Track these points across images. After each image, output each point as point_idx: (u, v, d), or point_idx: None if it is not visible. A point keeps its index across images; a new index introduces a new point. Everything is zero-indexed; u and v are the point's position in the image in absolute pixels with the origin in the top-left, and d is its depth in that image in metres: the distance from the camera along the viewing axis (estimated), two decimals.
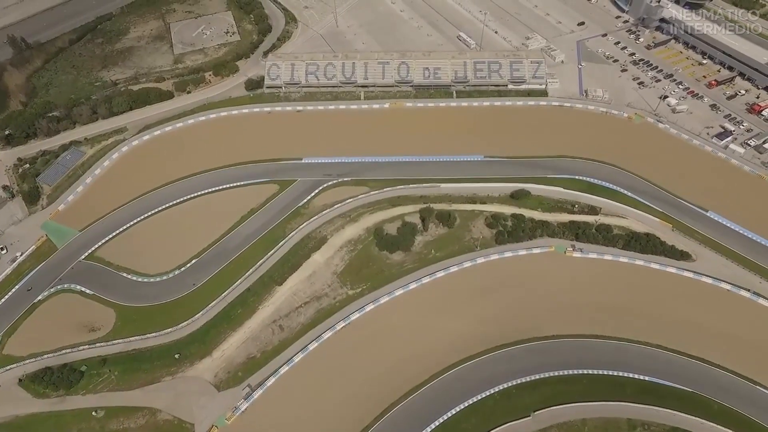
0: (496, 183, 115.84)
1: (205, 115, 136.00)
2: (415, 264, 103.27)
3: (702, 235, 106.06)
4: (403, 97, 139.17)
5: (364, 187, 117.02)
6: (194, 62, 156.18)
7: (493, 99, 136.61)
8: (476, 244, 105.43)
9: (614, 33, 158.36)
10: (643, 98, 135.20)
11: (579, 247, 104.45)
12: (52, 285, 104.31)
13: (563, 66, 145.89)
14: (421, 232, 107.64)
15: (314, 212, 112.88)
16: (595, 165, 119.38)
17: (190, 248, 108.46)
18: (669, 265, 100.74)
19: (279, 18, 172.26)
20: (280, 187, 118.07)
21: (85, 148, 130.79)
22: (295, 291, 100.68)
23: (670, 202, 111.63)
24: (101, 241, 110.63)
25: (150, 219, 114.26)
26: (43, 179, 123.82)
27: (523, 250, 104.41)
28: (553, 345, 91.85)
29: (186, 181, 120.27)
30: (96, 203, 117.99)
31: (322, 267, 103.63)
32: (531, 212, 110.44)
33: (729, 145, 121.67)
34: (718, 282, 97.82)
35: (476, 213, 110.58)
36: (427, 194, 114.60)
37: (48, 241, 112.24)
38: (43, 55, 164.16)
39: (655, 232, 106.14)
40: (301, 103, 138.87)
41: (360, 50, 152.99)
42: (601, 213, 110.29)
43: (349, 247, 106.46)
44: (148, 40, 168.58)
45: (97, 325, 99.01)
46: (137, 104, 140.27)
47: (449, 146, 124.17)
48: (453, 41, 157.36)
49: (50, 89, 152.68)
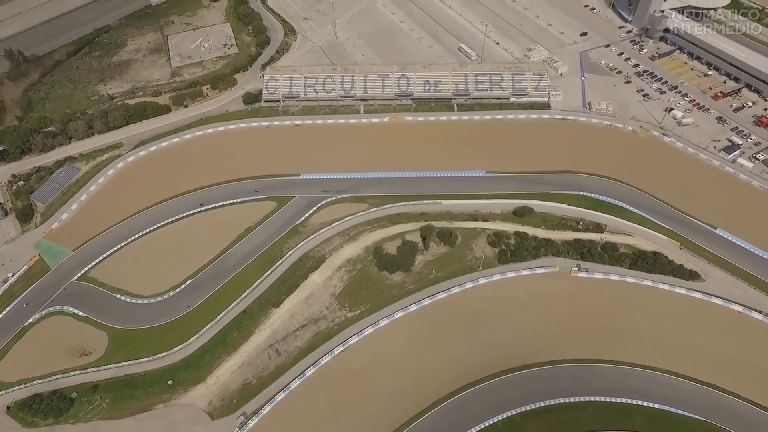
0: (498, 199, 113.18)
1: (202, 129, 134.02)
2: (416, 285, 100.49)
3: (711, 253, 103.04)
4: (403, 110, 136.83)
5: (363, 204, 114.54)
6: (192, 75, 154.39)
7: (495, 112, 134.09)
8: (478, 264, 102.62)
9: (617, 44, 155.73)
10: (647, 111, 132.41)
11: (584, 267, 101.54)
12: (44, 307, 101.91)
13: (566, 78, 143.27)
14: (421, 251, 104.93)
15: (312, 230, 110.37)
16: (599, 180, 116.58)
17: (186, 268, 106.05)
18: (678, 286, 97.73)
19: (278, 30, 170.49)
20: (277, 204, 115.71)
21: (80, 164, 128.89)
22: (292, 313, 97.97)
23: (677, 219, 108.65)
24: (95, 261, 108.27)
25: (145, 237, 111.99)
26: (37, 197, 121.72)
27: (526, 270, 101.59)
28: (559, 370, 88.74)
29: (182, 198, 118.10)
30: (90, 221, 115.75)
31: (320, 288, 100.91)
32: (534, 230, 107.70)
33: (737, 159, 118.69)
34: (729, 303, 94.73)
35: (478, 231, 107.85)
36: (428, 211, 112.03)
37: (41, 260, 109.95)
38: (40, 68, 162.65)
39: (663, 250, 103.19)
40: (299, 117, 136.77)
41: (359, 62, 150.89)
42: (606, 231, 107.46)
43: (348, 267, 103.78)
44: (146, 52, 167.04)
45: (89, 349, 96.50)
46: (134, 119, 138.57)
47: (450, 161, 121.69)
48: (454, 53, 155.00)
49: (46, 103, 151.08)
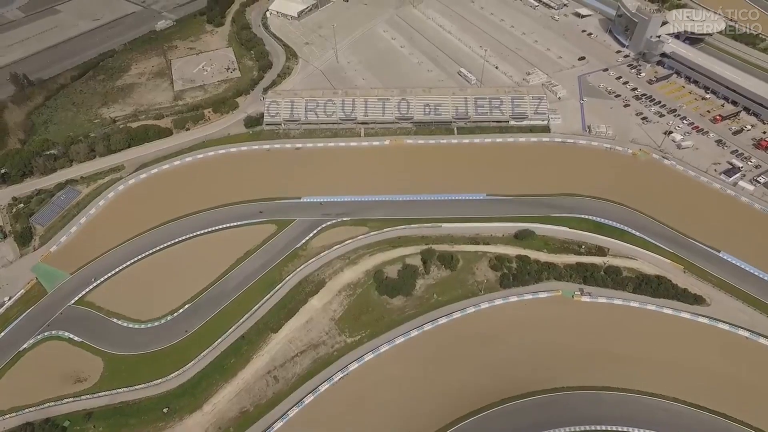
0: (499, 222, 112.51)
1: (203, 152, 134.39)
2: (417, 309, 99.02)
3: (715, 277, 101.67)
4: (404, 133, 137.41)
5: (363, 227, 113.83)
6: (194, 99, 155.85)
7: (495, 135, 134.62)
8: (480, 288, 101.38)
9: (615, 68, 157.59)
10: (647, 134, 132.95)
11: (587, 291, 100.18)
12: (39, 332, 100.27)
13: (565, 101, 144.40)
14: (422, 275, 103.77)
15: (312, 254, 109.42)
16: (600, 203, 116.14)
17: (184, 292, 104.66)
18: (682, 311, 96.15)
19: (280, 54, 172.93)
20: (277, 227, 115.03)
21: (81, 187, 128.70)
22: (291, 339, 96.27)
23: (680, 243, 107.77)
24: (92, 285, 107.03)
25: (144, 261, 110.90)
26: (36, 219, 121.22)
27: (528, 295, 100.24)
28: (563, 398, 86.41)
29: (182, 221, 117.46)
30: (89, 244, 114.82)
31: (319, 313, 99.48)
32: (536, 253, 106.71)
33: (738, 182, 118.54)
34: (736, 329, 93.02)
35: (479, 254, 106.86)
36: (429, 235, 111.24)
37: (38, 284, 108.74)
38: (44, 92, 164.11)
39: (667, 274, 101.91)
40: (300, 141, 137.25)
41: (360, 86, 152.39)
42: (609, 254, 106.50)
43: (348, 291, 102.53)
44: (149, 76, 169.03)
45: (83, 376, 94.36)
46: (135, 142, 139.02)
47: (451, 184, 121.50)
48: (453, 77, 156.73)
49: (49, 126, 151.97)
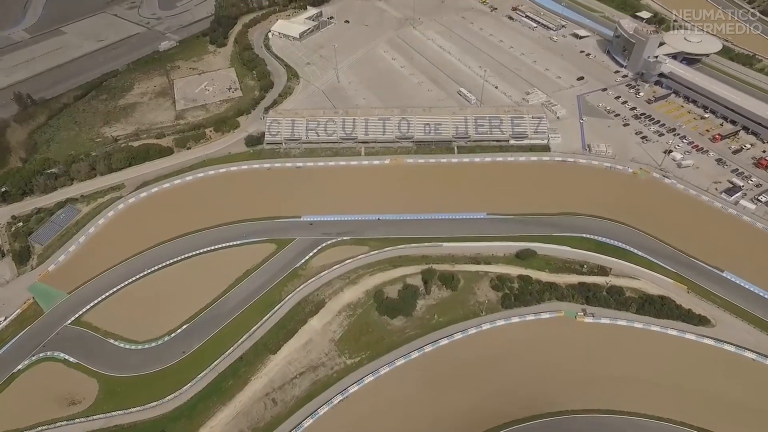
0: (500, 242, 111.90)
1: (204, 171, 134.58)
2: (417, 330, 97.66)
3: (720, 297, 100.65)
4: (404, 152, 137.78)
5: (364, 247, 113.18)
6: (195, 118, 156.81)
7: (495, 154, 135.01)
8: (482, 309, 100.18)
9: (614, 87, 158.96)
10: (647, 153, 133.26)
11: (590, 312, 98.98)
12: (34, 353, 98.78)
13: (564, 121, 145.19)
14: (423, 295, 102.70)
15: (312, 273, 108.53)
16: (602, 222, 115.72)
17: (183, 312, 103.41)
18: (687, 332, 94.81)
19: (281, 74, 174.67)
20: (277, 247, 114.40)
21: (80, 206, 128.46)
22: (289, 360, 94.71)
23: (682, 262, 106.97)
24: (89, 305, 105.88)
25: (142, 280, 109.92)
26: (35, 238, 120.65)
27: (531, 315, 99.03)
28: (566, 422, 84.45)
29: (181, 240, 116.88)
30: (88, 263, 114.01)
31: (319, 334, 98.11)
32: (538, 273, 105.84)
33: (739, 201, 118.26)
34: (742, 351, 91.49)
35: (481, 274, 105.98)
36: (429, 254, 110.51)
37: (35, 304, 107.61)
38: (47, 111, 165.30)
39: (670, 294, 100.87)
40: (301, 160, 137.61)
41: (361, 106, 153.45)
42: (611, 274, 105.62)
43: (348, 311, 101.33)
44: (152, 96, 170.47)
45: (78, 398, 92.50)
46: (136, 160, 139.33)
47: (451, 203, 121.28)
48: (453, 97, 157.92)
49: (51, 145, 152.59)
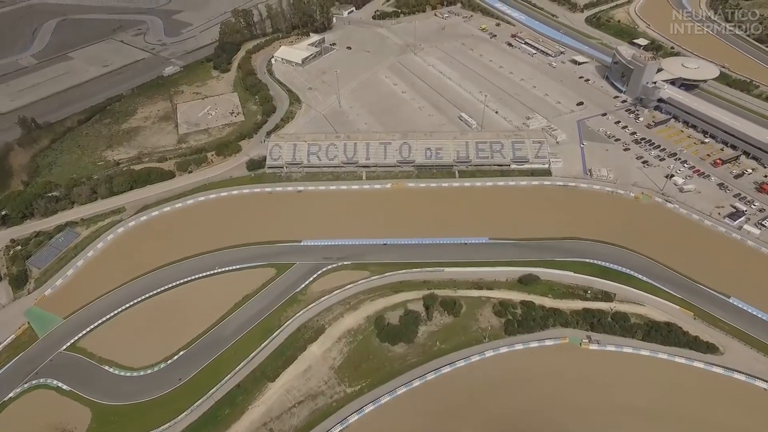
0: (502, 267, 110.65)
1: (205, 195, 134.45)
2: (419, 358, 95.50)
3: (727, 324, 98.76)
4: (405, 177, 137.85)
5: (364, 272, 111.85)
6: (198, 142, 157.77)
7: (496, 179, 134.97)
8: (484, 335, 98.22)
9: (613, 112, 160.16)
10: (648, 177, 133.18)
11: (595, 339, 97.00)
12: (27, 380, 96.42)
13: (565, 145, 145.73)
14: (424, 321, 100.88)
15: (312, 299, 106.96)
16: (604, 247, 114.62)
17: (180, 338, 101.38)
18: (695, 360, 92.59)
19: (283, 99, 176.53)
20: (277, 271, 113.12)
21: (80, 229, 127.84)
22: (288, 388, 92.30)
23: (688, 288, 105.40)
24: (85, 330, 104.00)
25: (139, 306, 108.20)
26: (33, 262, 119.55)
27: (534, 342, 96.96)
28: None
29: (180, 265, 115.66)
30: (85, 288, 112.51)
31: (318, 361, 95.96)
32: (541, 299, 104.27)
33: (743, 225, 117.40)
34: (753, 380, 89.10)
35: (483, 300, 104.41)
36: (431, 279, 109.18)
37: (30, 329, 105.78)
38: (50, 134, 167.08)
39: (676, 321, 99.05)
40: (302, 184, 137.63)
41: (362, 130, 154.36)
42: (615, 299, 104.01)
43: (348, 338, 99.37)
44: (155, 120, 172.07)
45: (69, 428, 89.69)
46: (138, 184, 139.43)
47: (453, 228, 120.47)
48: (454, 121, 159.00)
49: (53, 168, 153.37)
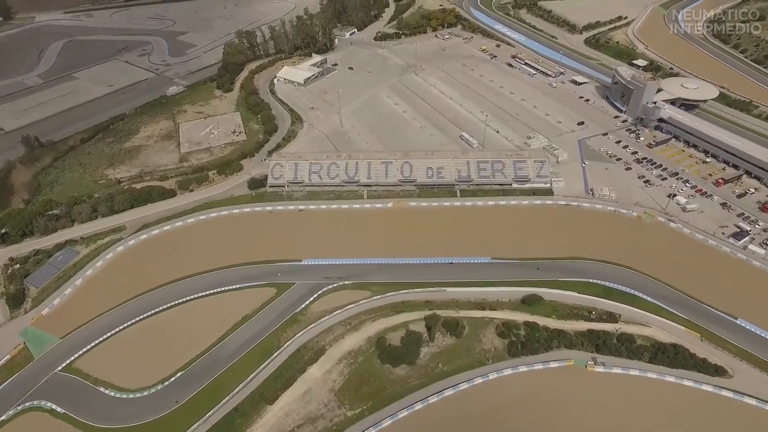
0: (505, 287, 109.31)
1: (206, 214, 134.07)
2: (421, 380, 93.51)
3: (735, 345, 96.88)
4: (407, 196, 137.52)
5: (365, 291, 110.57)
6: (199, 161, 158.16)
7: (498, 198, 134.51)
8: (488, 357, 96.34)
9: (614, 132, 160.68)
10: (650, 197, 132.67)
11: (601, 361, 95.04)
12: (20, 402, 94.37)
13: (566, 165, 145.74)
14: (426, 342, 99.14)
15: (312, 319, 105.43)
16: (608, 267, 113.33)
17: (177, 359, 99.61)
18: (704, 383, 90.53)
19: (285, 118, 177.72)
20: (277, 291, 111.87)
21: (80, 248, 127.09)
22: (287, 411, 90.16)
23: (693, 308, 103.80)
24: (81, 351, 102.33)
25: (137, 325, 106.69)
26: (31, 280, 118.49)
27: (539, 364, 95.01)
28: None
29: (179, 284, 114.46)
30: (82, 307, 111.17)
31: (318, 383, 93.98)
32: (545, 320, 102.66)
33: (748, 245, 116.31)
34: (764, 404, 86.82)
35: (486, 321, 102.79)
36: (433, 299, 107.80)
37: (25, 349, 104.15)
38: (53, 153, 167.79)
39: (683, 342, 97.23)
40: (303, 203, 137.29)
41: (363, 150, 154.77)
42: (620, 320, 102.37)
43: (349, 359, 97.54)
44: (157, 139, 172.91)
45: None
46: (139, 202, 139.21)
47: (455, 247, 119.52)
48: (456, 141, 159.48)
49: (55, 187, 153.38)
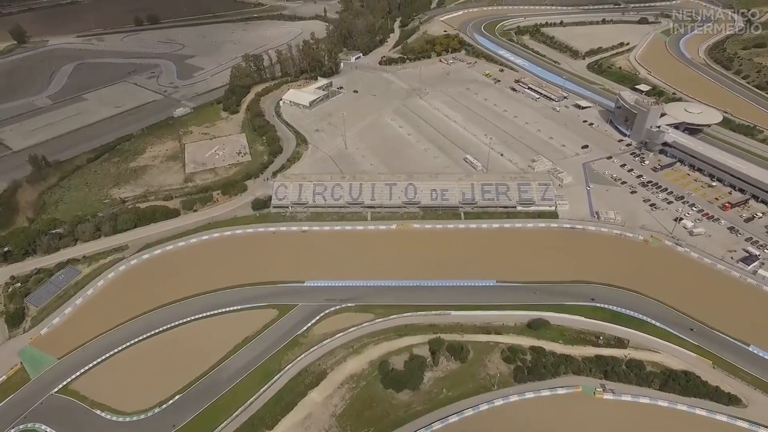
0: (511, 311, 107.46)
1: (209, 234, 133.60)
2: (425, 406, 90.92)
3: (748, 373, 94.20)
4: (411, 218, 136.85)
5: (368, 314, 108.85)
6: (204, 181, 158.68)
7: (503, 221, 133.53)
8: (493, 383, 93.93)
9: (619, 156, 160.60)
10: (657, 220, 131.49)
11: (610, 388, 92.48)
12: (14, 424, 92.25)
13: (570, 188, 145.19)
14: (430, 366, 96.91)
15: (314, 342, 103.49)
16: (614, 291, 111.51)
17: (176, 382, 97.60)
18: (718, 412, 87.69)
19: (290, 140, 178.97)
20: (279, 313, 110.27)
21: (81, 267, 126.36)
22: None
23: (704, 334, 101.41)
24: (79, 372, 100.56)
25: (136, 346, 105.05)
26: (31, 299, 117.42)
27: (546, 390, 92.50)
28: None
29: (180, 305, 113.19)
30: (81, 327, 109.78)
31: (319, 408, 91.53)
32: (552, 344, 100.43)
33: (758, 270, 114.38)
34: None
35: (491, 345, 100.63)
36: (437, 323, 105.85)
37: (22, 369, 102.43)
38: (59, 172, 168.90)
39: (694, 369, 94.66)
40: (306, 223, 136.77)
41: (368, 171, 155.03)
42: (629, 346, 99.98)
43: (351, 383, 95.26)
44: (163, 159, 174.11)
45: None
46: (142, 222, 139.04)
47: (459, 270, 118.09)
48: (460, 163, 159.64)
49: (60, 205, 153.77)
